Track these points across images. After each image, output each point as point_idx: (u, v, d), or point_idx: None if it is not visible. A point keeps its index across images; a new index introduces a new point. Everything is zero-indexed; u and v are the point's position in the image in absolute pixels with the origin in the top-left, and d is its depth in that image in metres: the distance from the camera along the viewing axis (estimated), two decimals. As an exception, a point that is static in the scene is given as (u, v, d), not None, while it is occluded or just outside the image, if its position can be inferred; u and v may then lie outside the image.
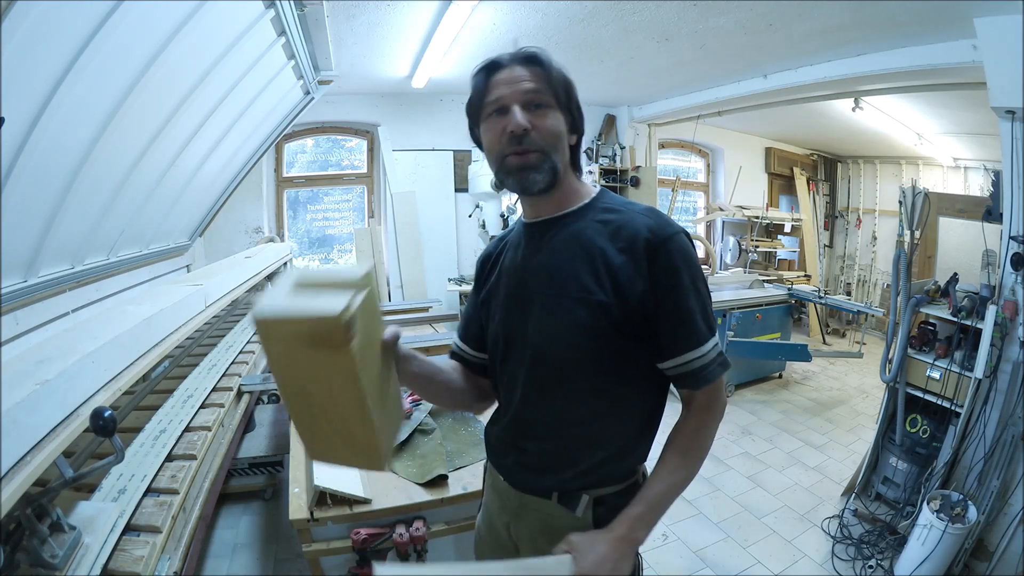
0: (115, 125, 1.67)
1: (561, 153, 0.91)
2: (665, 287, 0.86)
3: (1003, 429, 2.15)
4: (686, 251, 0.88)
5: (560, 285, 0.90)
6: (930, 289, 2.63)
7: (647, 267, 0.86)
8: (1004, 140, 2.17)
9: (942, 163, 5.17)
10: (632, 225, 0.89)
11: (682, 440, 0.91)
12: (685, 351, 0.88)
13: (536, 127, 0.87)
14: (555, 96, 0.89)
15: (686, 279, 0.87)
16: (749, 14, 2.62)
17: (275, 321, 0.67)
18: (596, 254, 0.89)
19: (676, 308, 0.87)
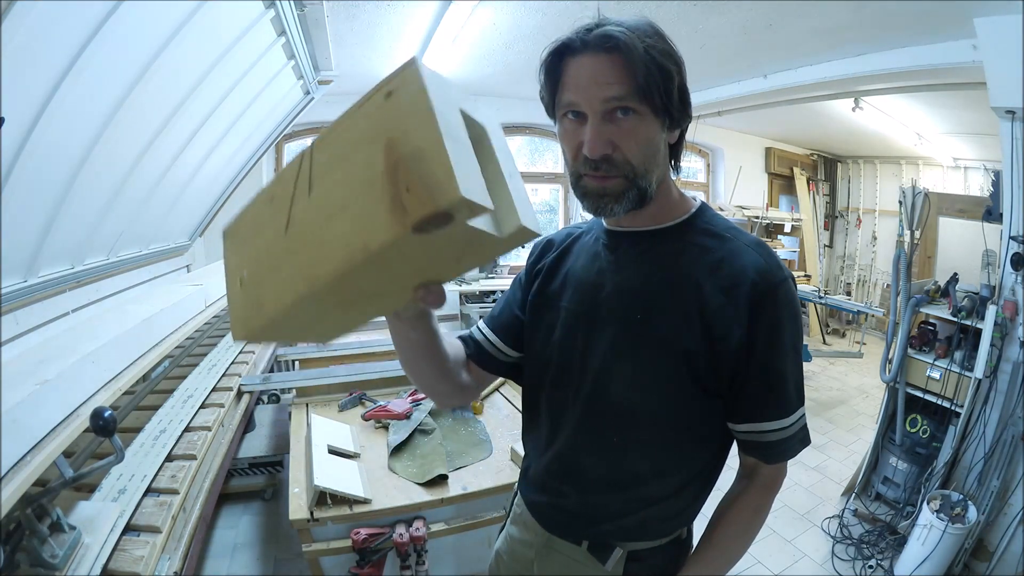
0: (115, 125, 1.67)
1: (653, 171, 0.73)
2: (763, 343, 0.73)
3: (1003, 429, 2.15)
4: (793, 304, 0.75)
5: (641, 319, 0.76)
6: (930, 289, 2.63)
7: (748, 316, 0.72)
8: (1004, 140, 2.17)
9: (942, 163, 5.16)
10: (739, 261, 0.73)
11: (745, 517, 0.82)
12: (767, 419, 0.76)
13: (620, 146, 0.69)
14: (647, 96, 0.67)
15: (788, 338, 0.74)
16: (749, 14, 2.62)
17: None
18: (689, 288, 0.73)
19: (769, 369, 0.74)
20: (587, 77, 0.68)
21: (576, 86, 0.69)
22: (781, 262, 0.77)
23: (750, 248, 0.75)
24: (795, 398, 0.77)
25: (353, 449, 1.77)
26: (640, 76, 0.66)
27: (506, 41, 3.17)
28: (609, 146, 0.69)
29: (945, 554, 2.14)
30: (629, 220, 0.79)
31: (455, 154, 0.41)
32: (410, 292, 0.55)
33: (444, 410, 2.07)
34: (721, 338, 0.72)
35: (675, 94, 0.71)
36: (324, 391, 2.22)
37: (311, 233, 0.48)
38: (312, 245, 0.48)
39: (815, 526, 2.65)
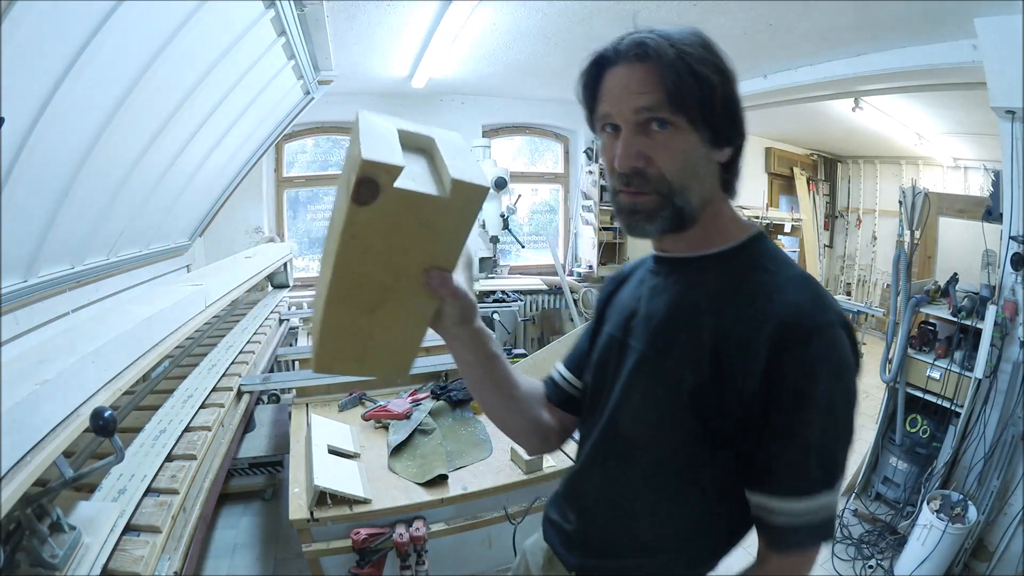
0: (115, 125, 1.67)
1: (693, 189, 0.67)
2: (785, 400, 0.61)
3: (1003, 429, 2.15)
4: (836, 357, 0.62)
5: (659, 350, 0.71)
6: (930, 289, 2.63)
7: (766, 362, 0.61)
8: (1004, 140, 2.17)
9: (942, 163, 5.16)
10: (773, 296, 0.64)
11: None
12: (776, 495, 0.64)
13: (653, 160, 0.65)
14: (681, 106, 0.63)
15: (820, 399, 0.61)
16: (749, 14, 2.62)
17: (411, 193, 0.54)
18: (710, 322, 0.66)
19: (787, 434, 0.62)
20: (619, 87, 0.66)
21: (610, 97, 0.67)
22: (831, 304, 0.65)
23: (791, 282, 0.65)
24: (819, 477, 0.63)
25: (353, 449, 1.77)
26: (671, 83, 0.62)
27: (506, 41, 3.17)
28: (641, 159, 0.65)
29: (945, 554, 2.14)
30: (672, 244, 0.74)
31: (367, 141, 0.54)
32: (422, 286, 0.61)
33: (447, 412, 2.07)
34: (730, 381, 0.63)
35: (718, 106, 0.65)
36: (324, 391, 2.22)
37: (326, 255, 0.62)
38: (326, 264, 0.61)
39: (815, 526, 2.65)
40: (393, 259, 0.58)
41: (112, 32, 1.34)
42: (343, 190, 0.56)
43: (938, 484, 2.35)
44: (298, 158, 5.07)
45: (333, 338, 0.65)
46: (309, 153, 5.12)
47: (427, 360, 2.40)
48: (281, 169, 4.88)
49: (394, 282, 0.60)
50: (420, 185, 0.55)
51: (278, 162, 4.84)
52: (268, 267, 3.35)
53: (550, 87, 4.52)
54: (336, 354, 0.66)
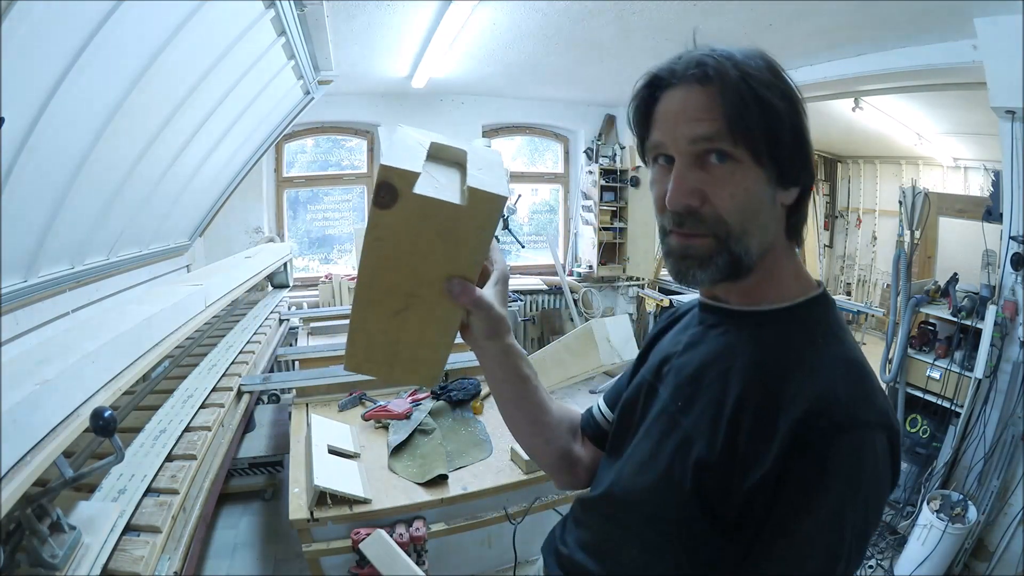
0: (115, 125, 1.67)
1: (753, 234, 0.59)
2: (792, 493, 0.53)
3: (1003, 429, 2.15)
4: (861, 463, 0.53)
5: (680, 407, 0.64)
6: (930, 289, 2.64)
7: (780, 451, 0.53)
8: (1004, 140, 2.17)
9: (942, 163, 5.16)
10: (807, 376, 0.56)
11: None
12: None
13: (709, 200, 0.57)
14: (744, 137, 0.55)
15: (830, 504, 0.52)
16: (749, 14, 2.62)
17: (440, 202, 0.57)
18: (734, 385, 0.59)
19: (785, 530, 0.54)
20: (675, 113, 0.59)
21: (664, 124, 0.60)
22: (875, 402, 0.56)
23: (836, 365, 0.57)
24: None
25: (353, 449, 1.77)
26: (733, 110, 0.55)
27: (506, 41, 3.17)
28: (697, 196, 0.57)
29: (945, 554, 2.14)
30: (724, 292, 0.66)
31: (392, 150, 0.57)
32: (444, 293, 0.61)
33: (447, 412, 2.07)
34: (739, 465, 0.56)
35: (786, 138, 0.57)
36: (324, 391, 2.22)
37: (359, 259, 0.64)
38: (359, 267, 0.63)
39: (815, 526, 2.65)
40: (416, 265, 0.60)
41: (112, 32, 1.34)
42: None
43: (938, 484, 2.35)
44: (298, 158, 5.07)
45: (363, 339, 0.66)
46: (309, 153, 5.12)
47: (427, 360, 2.40)
48: (281, 169, 4.88)
49: (418, 288, 0.62)
50: (439, 193, 0.56)
51: (278, 162, 4.84)
52: (268, 267, 3.35)
53: (550, 87, 4.52)
54: (367, 355, 0.67)
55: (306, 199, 5.14)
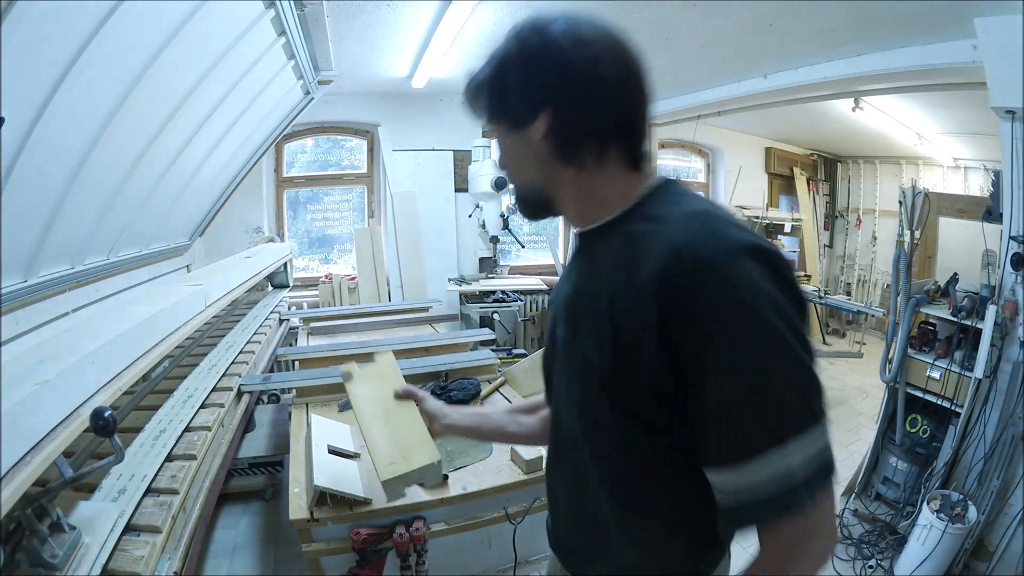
0: (115, 125, 1.67)
1: (521, 173, 0.70)
2: (689, 359, 0.54)
3: (1003, 429, 2.15)
4: (738, 296, 0.51)
5: (572, 334, 0.68)
6: (930, 289, 2.63)
7: (658, 319, 0.54)
8: (1004, 140, 2.17)
9: (942, 163, 5.16)
10: (655, 245, 0.56)
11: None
12: (713, 466, 0.56)
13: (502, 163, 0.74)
14: (489, 115, 0.71)
15: (728, 348, 0.52)
16: (749, 14, 2.62)
17: None
18: (604, 293, 0.61)
19: (704, 397, 0.54)
20: None
21: None
22: (728, 233, 0.54)
23: (681, 222, 0.57)
24: (761, 433, 0.52)
25: (353, 449, 1.77)
26: (487, 102, 0.70)
27: (506, 41, 3.17)
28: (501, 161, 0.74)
29: (945, 554, 2.14)
30: (575, 221, 0.72)
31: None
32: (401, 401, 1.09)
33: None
34: (631, 359, 0.56)
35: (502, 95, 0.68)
36: (324, 391, 2.22)
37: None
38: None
39: (815, 526, 2.65)
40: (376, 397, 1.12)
41: (112, 32, 1.34)
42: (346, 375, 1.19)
43: (938, 484, 2.35)
44: (298, 158, 5.07)
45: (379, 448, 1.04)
46: (309, 153, 5.13)
47: (427, 360, 2.40)
48: (281, 169, 4.88)
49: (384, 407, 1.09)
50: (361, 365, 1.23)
51: (278, 162, 4.84)
52: (268, 267, 3.35)
53: (550, 87, 4.52)
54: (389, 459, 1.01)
55: (306, 199, 5.14)
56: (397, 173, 4.78)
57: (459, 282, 4.69)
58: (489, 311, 4.28)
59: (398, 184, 4.75)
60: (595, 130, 0.64)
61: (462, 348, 2.66)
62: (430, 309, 3.57)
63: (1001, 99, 2.12)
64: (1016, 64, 2.01)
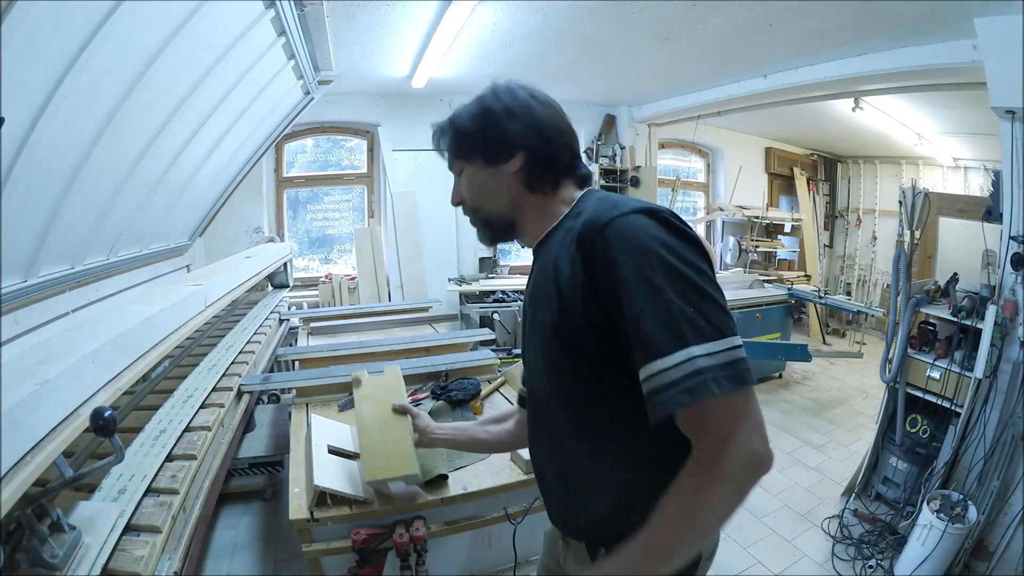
0: (115, 125, 1.67)
1: (492, 200, 0.90)
2: (608, 292, 0.69)
3: (1003, 429, 2.15)
4: (629, 234, 0.69)
5: (533, 311, 0.86)
6: (930, 289, 2.63)
7: (583, 271, 0.72)
8: (1004, 140, 2.17)
9: (942, 163, 5.17)
10: (577, 224, 0.76)
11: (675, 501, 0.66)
12: (639, 367, 0.67)
13: (461, 195, 0.93)
14: (459, 155, 0.90)
15: (627, 270, 0.67)
16: (749, 14, 2.62)
17: None
18: (551, 268, 0.79)
19: (622, 314, 0.68)
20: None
21: None
22: (622, 202, 0.74)
23: (588, 208, 0.79)
24: (663, 336, 0.64)
25: (353, 449, 1.77)
26: (451, 144, 0.91)
27: (506, 41, 3.17)
28: (457, 197, 0.95)
29: (945, 554, 2.14)
30: (529, 240, 0.92)
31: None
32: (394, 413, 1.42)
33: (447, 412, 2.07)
34: (571, 304, 0.73)
35: (481, 139, 0.87)
36: (324, 391, 2.22)
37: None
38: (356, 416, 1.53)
39: (815, 526, 2.65)
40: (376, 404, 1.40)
41: (112, 32, 1.34)
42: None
43: (938, 484, 2.35)
44: (298, 158, 5.07)
45: (369, 452, 1.34)
46: (309, 153, 5.13)
47: (427, 360, 2.40)
48: (281, 169, 4.89)
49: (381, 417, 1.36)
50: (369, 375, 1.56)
51: (278, 162, 4.84)
52: (268, 267, 3.35)
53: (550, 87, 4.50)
54: (373, 462, 1.34)
55: (306, 199, 5.14)
56: (397, 173, 4.78)
57: (459, 282, 4.69)
58: (489, 311, 4.29)
59: (398, 184, 4.75)
60: (555, 164, 0.87)
61: (462, 348, 2.66)
62: (430, 309, 3.57)
63: (1001, 99, 2.12)
64: (1016, 64, 2.01)
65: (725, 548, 2.48)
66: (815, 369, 5.01)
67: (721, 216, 6.10)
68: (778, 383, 4.66)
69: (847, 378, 4.83)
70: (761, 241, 6.11)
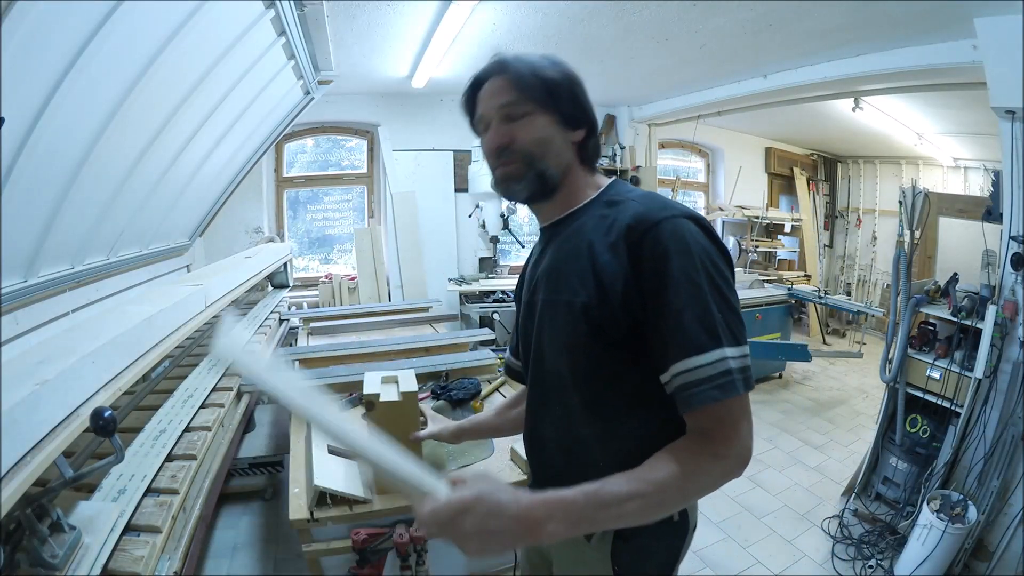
0: (115, 125, 1.67)
1: (553, 157, 0.86)
2: (651, 284, 0.73)
3: (1003, 429, 2.15)
4: (680, 236, 0.74)
5: (555, 289, 0.86)
6: (930, 289, 2.63)
7: (628, 260, 0.75)
8: (1004, 140, 2.17)
9: (942, 163, 5.17)
10: (622, 216, 0.79)
11: (652, 468, 0.70)
12: (673, 361, 0.72)
13: (516, 139, 0.85)
14: (535, 100, 0.84)
15: (675, 269, 0.72)
16: (749, 14, 2.62)
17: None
18: (585, 251, 0.81)
19: (662, 307, 0.73)
20: (489, 93, 0.87)
21: (482, 103, 0.89)
22: (673, 205, 0.79)
23: (635, 201, 0.81)
24: (701, 334, 0.71)
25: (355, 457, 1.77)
26: (527, 84, 0.84)
27: (506, 41, 3.17)
28: (507, 137, 0.85)
29: (945, 554, 2.14)
30: (548, 213, 0.92)
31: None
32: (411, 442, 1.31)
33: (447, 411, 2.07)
34: (611, 289, 0.76)
35: (566, 99, 0.86)
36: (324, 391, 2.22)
37: None
38: None
39: (815, 526, 2.65)
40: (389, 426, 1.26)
41: (112, 32, 1.34)
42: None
43: (938, 484, 2.35)
44: (298, 158, 5.07)
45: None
46: (309, 153, 5.12)
47: (427, 360, 2.40)
48: (281, 169, 4.88)
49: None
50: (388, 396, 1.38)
51: (278, 162, 4.84)
52: (268, 267, 3.35)
53: (550, 87, 4.51)
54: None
55: (306, 199, 5.14)
56: (397, 173, 4.78)
57: (459, 282, 4.69)
58: (489, 311, 4.28)
59: (398, 184, 4.75)
60: (599, 148, 0.95)
61: (462, 348, 2.66)
62: (430, 309, 3.57)
63: (1001, 99, 2.12)
64: (1016, 64, 2.01)
65: (725, 548, 2.49)
66: (815, 369, 5.01)
67: (721, 216, 6.10)
68: (778, 383, 4.66)
69: (847, 378, 4.83)
70: (761, 241, 6.11)
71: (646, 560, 0.87)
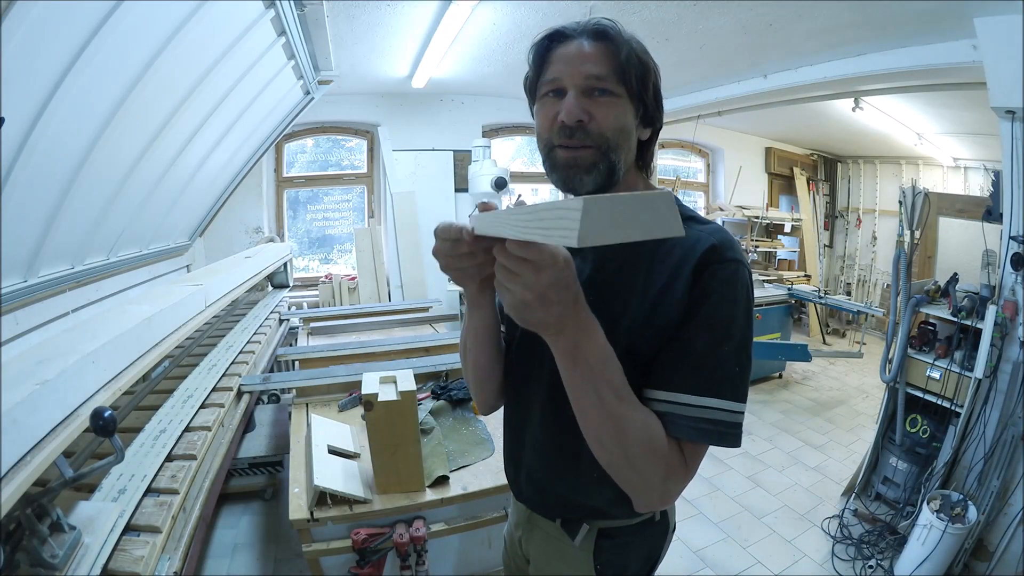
0: (115, 125, 1.67)
1: (624, 151, 0.75)
2: (688, 312, 0.70)
3: (1003, 429, 2.15)
4: (733, 285, 0.70)
5: (594, 305, 0.73)
6: (930, 289, 2.63)
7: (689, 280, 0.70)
8: (1004, 140, 2.17)
9: (942, 163, 5.16)
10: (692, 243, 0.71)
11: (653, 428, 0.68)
12: (659, 387, 0.70)
13: (595, 118, 0.72)
14: (625, 82, 0.73)
15: (712, 312, 0.69)
16: (749, 14, 2.62)
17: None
18: (640, 272, 0.74)
19: (680, 336, 0.70)
20: (573, 56, 0.74)
21: (561, 64, 0.75)
22: (739, 247, 0.74)
23: (707, 233, 0.73)
24: (708, 379, 0.68)
25: (353, 449, 1.77)
26: (623, 62, 0.73)
27: (506, 41, 3.17)
28: (586, 114, 0.72)
29: (945, 554, 2.14)
30: None
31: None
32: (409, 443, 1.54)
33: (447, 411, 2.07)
34: (663, 296, 0.71)
35: (651, 90, 0.77)
36: (324, 391, 2.22)
37: None
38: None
39: (815, 526, 2.65)
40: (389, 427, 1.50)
41: (112, 32, 1.34)
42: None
43: (938, 484, 2.35)
44: (298, 158, 5.07)
45: (381, 470, 1.54)
46: (309, 153, 5.12)
47: (427, 360, 2.40)
48: (281, 169, 4.88)
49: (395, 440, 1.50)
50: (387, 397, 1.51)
51: (278, 162, 4.84)
52: (268, 267, 3.35)
53: (550, 87, 4.52)
54: (385, 479, 1.54)
55: (306, 199, 5.14)
56: (397, 173, 4.78)
57: (459, 282, 4.68)
58: (489, 311, 4.28)
59: (398, 184, 4.75)
60: (654, 151, 0.85)
61: (462, 348, 2.66)
62: (430, 309, 3.57)
63: (1001, 99, 2.12)
64: (1016, 64, 2.01)
65: (725, 548, 2.49)
66: (815, 369, 5.01)
67: (721, 216, 6.09)
68: (778, 383, 4.66)
69: (847, 378, 4.82)
70: (761, 241, 6.11)
71: (627, 559, 0.86)
